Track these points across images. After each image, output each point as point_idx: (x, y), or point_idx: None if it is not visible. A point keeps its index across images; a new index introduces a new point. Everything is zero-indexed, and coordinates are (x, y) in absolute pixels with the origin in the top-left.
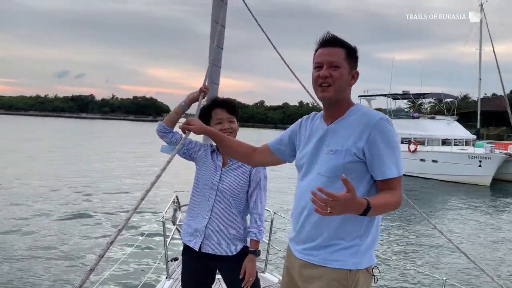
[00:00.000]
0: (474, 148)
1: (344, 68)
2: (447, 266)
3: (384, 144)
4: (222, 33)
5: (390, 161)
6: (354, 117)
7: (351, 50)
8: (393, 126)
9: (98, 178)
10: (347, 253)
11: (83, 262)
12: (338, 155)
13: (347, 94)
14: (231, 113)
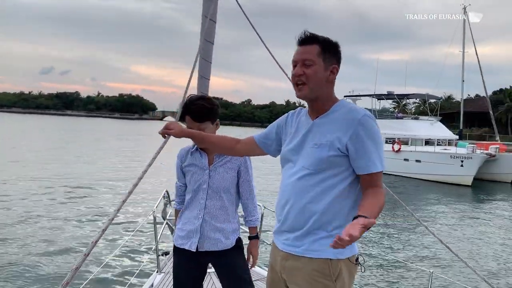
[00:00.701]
0: (456, 148)
1: (318, 65)
2: (433, 259)
3: (369, 139)
4: (212, 27)
5: (375, 156)
6: (339, 112)
7: (327, 45)
8: (376, 123)
9: (84, 176)
10: (327, 242)
11: (69, 261)
12: (322, 148)
13: (328, 90)
14: (199, 121)
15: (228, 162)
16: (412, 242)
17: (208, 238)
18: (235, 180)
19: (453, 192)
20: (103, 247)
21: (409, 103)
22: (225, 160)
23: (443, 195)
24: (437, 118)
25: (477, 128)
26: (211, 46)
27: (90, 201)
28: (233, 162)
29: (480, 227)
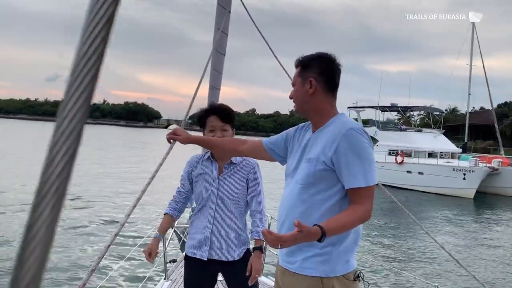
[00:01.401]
0: (458, 161)
1: (298, 84)
2: (439, 272)
3: (351, 153)
4: (224, 40)
5: (357, 171)
6: (332, 126)
7: (304, 63)
8: (365, 136)
9: (89, 185)
10: (318, 260)
11: (73, 276)
12: (311, 163)
13: (316, 102)
14: (224, 121)
15: (238, 172)
16: (418, 254)
17: (217, 248)
18: (245, 190)
19: (455, 205)
20: (111, 254)
21: (414, 115)
22: (235, 170)
23: (446, 208)
24: (441, 131)
25: (482, 141)
26: (222, 58)
27: (95, 211)
28: (242, 172)
29: (483, 241)
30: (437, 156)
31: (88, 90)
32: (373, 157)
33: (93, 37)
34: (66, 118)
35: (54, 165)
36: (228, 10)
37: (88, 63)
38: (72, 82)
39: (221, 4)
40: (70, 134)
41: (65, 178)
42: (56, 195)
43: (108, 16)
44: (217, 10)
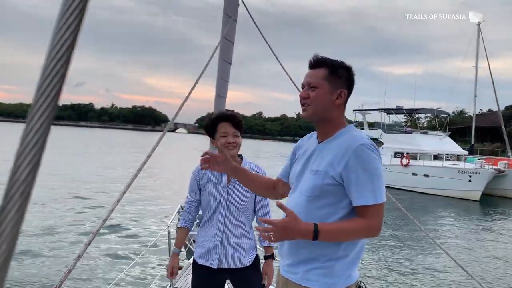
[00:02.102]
0: (464, 163)
1: (323, 88)
2: (446, 281)
3: (361, 170)
4: (230, 48)
5: (366, 188)
6: (341, 139)
7: (335, 68)
8: (375, 153)
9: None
10: (320, 272)
11: (48, 276)
12: (318, 175)
13: (334, 114)
14: (236, 128)
15: None
16: (423, 262)
17: (227, 256)
18: (253, 198)
19: (461, 207)
20: (117, 260)
21: (421, 118)
22: None
23: (451, 210)
24: (446, 133)
25: (489, 143)
26: (228, 66)
27: (94, 212)
28: None
29: (489, 243)
30: (443, 158)
31: (54, 93)
32: (382, 174)
33: (61, 42)
34: (34, 120)
35: (21, 167)
36: (234, 19)
37: (56, 66)
38: (40, 85)
39: (226, 12)
40: (37, 136)
41: (30, 180)
42: (22, 197)
43: (76, 24)
44: (223, 19)
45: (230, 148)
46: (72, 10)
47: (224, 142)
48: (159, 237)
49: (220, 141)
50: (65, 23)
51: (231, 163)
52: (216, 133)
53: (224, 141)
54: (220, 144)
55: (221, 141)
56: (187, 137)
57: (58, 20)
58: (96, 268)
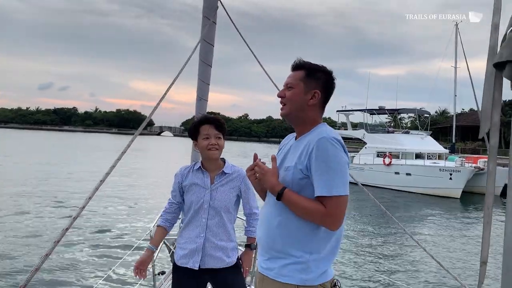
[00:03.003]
0: (445, 162)
1: (298, 88)
2: (424, 277)
3: (320, 162)
4: (210, 51)
5: (321, 180)
6: (311, 135)
7: (311, 71)
8: (336, 146)
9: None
10: (296, 268)
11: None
12: (289, 171)
13: (309, 113)
14: (218, 130)
15: (229, 182)
16: (403, 259)
17: (210, 256)
18: (234, 200)
19: (442, 204)
20: (99, 265)
21: (404, 118)
22: (227, 180)
23: (433, 208)
24: (428, 133)
25: (471, 142)
26: (208, 69)
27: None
28: (234, 183)
29: (469, 239)
30: (425, 157)
31: None
32: (343, 168)
33: None
34: None
35: None
36: (213, 21)
37: None
38: None
39: (205, 15)
40: None
41: None
42: None
43: None
44: (202, 21)
45: (213, 150)
46: None
47: (206, 144)
48: (142, 240)
49: (203, 143)
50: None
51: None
52: (198, 135)
53: (207, 143)
54: (203, 146)
55: (203, 143)
56: (173, 140)
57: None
58: (79, 270)
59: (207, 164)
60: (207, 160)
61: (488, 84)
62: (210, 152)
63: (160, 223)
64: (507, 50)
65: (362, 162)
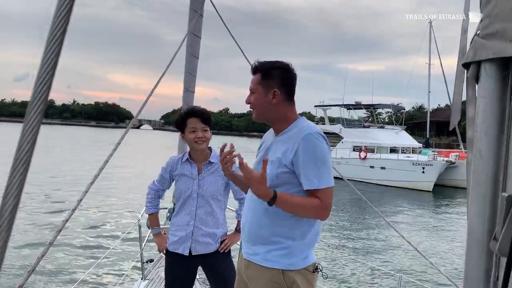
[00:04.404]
0: (418, 156)
1: (258, 92)
2: (401, 263)
3: (308, 156)
4: (197, 43)
5: (311, 173)
6: (292, 131)
7: (267, 72)
8: (321, 141)
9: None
10: (281, 254)
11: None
12: (273, 165)
13: (277, 111)
14: (204, 123)
15: (216, 171)
16: (381, 246)
17: (199, 243)
18: (223, 187)
19: (415, 197)
20: (87, 255)
21: (382, 113)
22: (214, 169)
23: (406, 200)
24: (402, 127)
25: (446, 137)
26: (196, 61)
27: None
28: (220, 171)
29: (439, 228)
30: (399, 151)
31: (46, 94)
32: (329, 160)
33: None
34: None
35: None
36: (200, 13)
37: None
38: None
39: (193, 7)
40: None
41: (24, 171)
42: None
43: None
44: (190, 13)
45: (200, 143)
46: (61, 14)
47: (193, 137)
48: (130, 229)
49: (190, 136)
50: (55, 28)
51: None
52: (185, 128)
53: (194, 136)
54: (190, 139)
55: (190, 136)
56: (153, 134)
57: (51, 26)
58: (66, 260)
59: (195, 155)
60: (194, 151)
61: (459, 82)
62: (196, 145)
63: (153, 210)
64: (471, 52)
65: (338, 156)
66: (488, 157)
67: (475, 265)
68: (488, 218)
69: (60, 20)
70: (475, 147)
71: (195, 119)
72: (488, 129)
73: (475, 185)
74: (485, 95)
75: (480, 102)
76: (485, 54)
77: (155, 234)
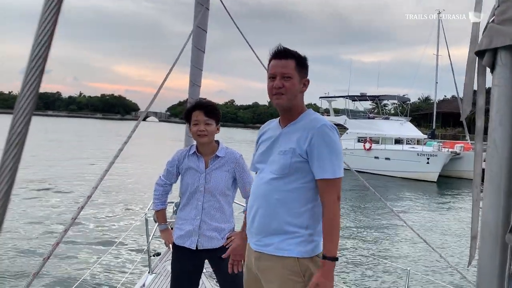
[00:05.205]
0: (423, 147)
1: (295, 78)
2: (409, 256)
3: (322, 147)
4: (203, 37)
5: (326, 163)
6: (304, 121)
7: (301, 60)
8: (335, 133)
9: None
10: (294, 242)
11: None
12: (286, 155)
13: (299, 101)
14: (208, 116)
15: (223, 165)
16: (389, 238)
17: (206, 237)
18: (230, 182)
19: (419, 187)
20: (94, 248)
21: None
22: (220, 163)
23: (410, 190)
24: (407, 119)
25: (452, 128)
26: (202, 54)
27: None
28: (228, 166)
29: (443, 218)
30: (404, 142)
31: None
32: (341, 152)
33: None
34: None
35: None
36: (206, 7)
37: (37, 62)
38: (24, 79)
39: (199, 1)
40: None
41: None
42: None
43: (54, 20)
44: (195, 7)
45: (201, 136)
46: (50, 8)
47: (196, 130)
48: (136, 223)
49: (193, 129)
50: (45, 20)
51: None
52: (190, 121)
53: (196, 129)
54: (193, 132)
55: (193, 129)
56: (159, 126)
57: (40, 18)
58: (74, 254)
59: (201, 148)
60: (200, 144)
61: (470, 70)
62: (199, 138)
63: (160, 207)
64: (486, 40)
65: (343, 147)
66: (503, 148)
67: (490, 258)
68: (503, 210)
69: (51, 8)
70: (489, 138)
71: (198, 111)
72: (503, 118)
73: (490, 177)
74: (500, 84)
75: (495, 91)
76: (501, 40)
77: (162, 230)
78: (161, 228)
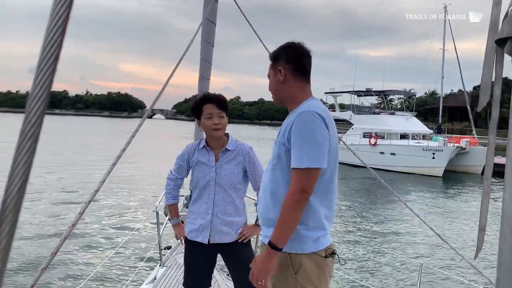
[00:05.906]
0: (428, 142)
1: (271, 75)
2: (422, 250)
3: (296, 135)
4: (212, 29)
5: (295, 152)
6: (297, 111)
7: (275, 55)
8: (314, 120)
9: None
10: None
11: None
12: (276, 144)
13: (286, 90)
14: (221, 108)
15: (234, 158)
16: (400, 231)
17: (218, 231)
18: (241, 175)
19: (425, 183)
20: (105, 242)
21: (394, 99)
22: (231, 156)
23: (416, 185)
24: (413, 114)
25: (459, 123)
26: (211, 48)
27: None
28: (238, 159)
29: (449, 213)
30: (409, 137)
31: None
32: (318, 141)
33: (51, 37)
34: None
35: (22, 152)
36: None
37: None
38: (35, 78)
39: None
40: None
41: (29, 164)
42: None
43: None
44: (204, 0)
45: (217, 129)
46: (60, 5)
47: (210, 124)
48: (147, 217)
49: (207, 123)
50: (55, 17)
51: None
52: (201, 114)
53: (210, 122)
54: (207, 126)
55: (207, 123)
56: (165, 123)
57: (50, 16)
58: (84, 248)
59: (211, 142)
60: (211, 138)
61: (489, 60)
62: (214, 132)
63: (172, 202)
64: (508, 27)
65: (348, 142)
66: None
67: (510, 253)
68: None
69: (62, 3)
70: (510, 129)
71: (210, 105)
72: None
73: (511, 170)
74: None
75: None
76: None
77: (174, 224)
78: (174, 222)
